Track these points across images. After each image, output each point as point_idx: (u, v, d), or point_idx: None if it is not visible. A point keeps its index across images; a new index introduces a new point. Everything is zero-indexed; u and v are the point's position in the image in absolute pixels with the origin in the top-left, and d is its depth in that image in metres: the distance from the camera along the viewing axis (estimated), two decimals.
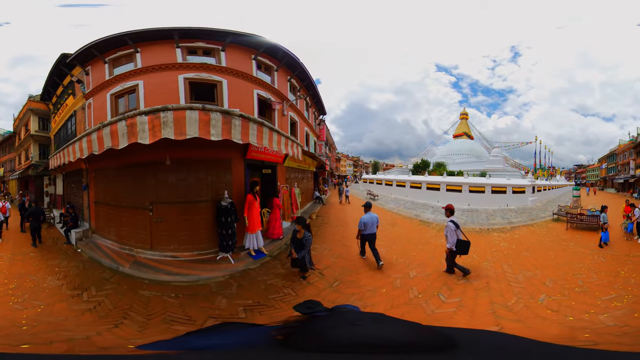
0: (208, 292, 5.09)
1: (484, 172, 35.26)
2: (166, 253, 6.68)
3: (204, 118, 4.53)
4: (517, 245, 8.79)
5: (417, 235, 10.18)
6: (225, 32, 9.14)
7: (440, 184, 20.16)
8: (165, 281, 5.47)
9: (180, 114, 4.44)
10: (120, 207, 7.52)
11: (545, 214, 14.72)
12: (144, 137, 4.43)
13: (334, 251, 7.62)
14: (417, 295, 5.05)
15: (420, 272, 6.19)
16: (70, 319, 4.15)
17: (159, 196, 6.81)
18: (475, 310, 4.53)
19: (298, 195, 11.35)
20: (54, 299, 4.84)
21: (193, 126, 4.46)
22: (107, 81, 9.44)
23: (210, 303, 4.69)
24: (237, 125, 4.86)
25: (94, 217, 8.78)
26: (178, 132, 4.45)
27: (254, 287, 5.30)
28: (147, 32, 8.94)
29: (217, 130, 4.60)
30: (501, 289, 5.39)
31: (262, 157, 8.42)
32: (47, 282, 5.62)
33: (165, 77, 8.64)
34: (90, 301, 4.72)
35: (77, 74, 10.48)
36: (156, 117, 4.42)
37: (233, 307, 4.55)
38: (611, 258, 7.22)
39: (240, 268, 6.13)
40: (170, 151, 6.44)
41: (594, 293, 5.08)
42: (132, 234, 7.11)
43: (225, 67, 9.09)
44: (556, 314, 4.35)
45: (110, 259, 6.70)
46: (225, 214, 6.58)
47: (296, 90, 12.80)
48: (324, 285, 5.46)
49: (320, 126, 20.29)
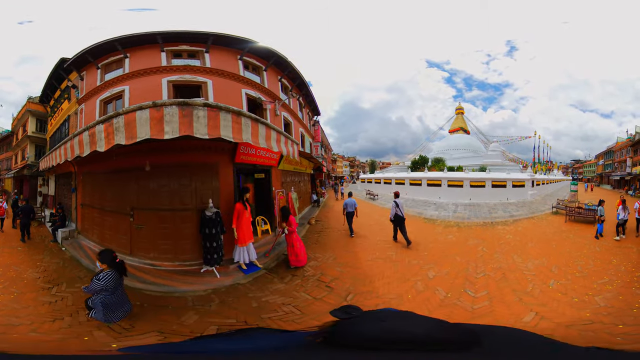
0: (180, 306, 4.67)
1: (483, 166, 35.37)
2: (145, 261, 6.34)
3: (156, 116, 4.01)
4: (522, 237, 9.25)
5: (424, 234, 9.91)
6: (207, 34, 8.98)
7: (442, 180, 19.86)
8: (137, 288, 5.21)
9: (131, 117, 4.04)
10: (104, 211, 7.52)
11: (544, 207, 14.90)
12: (101, 146, 4.22)
13: (340, 259, 7.01)
14: (446, 295, 5.03)
15: (438, 271, 6.14)
16: (30, 307, 4.49)
17: (140, 202, 6.51)
18: (505, 299, 4.86)
19: (295, 200, 10.84)
20: (27, 289, 5.31)
21: (144, 127, 3.99)
22: (98, 87, 9.41)
23: (174, 317, 4.26)
24: (202, 117, 4.20)
25: (80, 219, 9.04)
26: (129, 136, 4.03)
27: (241, 304, 4.79)
28: (133, 37, 8.80)
29: (172, 126, 4.03)
30: (517, 277, 5.81)
31: (254, 160, 7.88)
32: (27, 273, 6.15)
33: (149, 81, 8.43)
34: (56, 295, 5.01)
35: (74, 79, 10.55)
36: (110, 125, 4.15)
37: (202, 325, 4.05)
38: (605, 248, 7.91)
39: (226, 283, 5.58)
40: (151, 156, 6.13)
41: (591, 278, 5.74)
42: (114, 238, 7.06)
43: (210, 67, 8.86)
44: (564, 296, 4.91)
45: (90, 259, 6.76)
46: (209, 225, 6.00)
47: (288, 90, 12.52)
48: (336, 299, 4.92)
49: (315, 127, 20.14)
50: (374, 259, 7.08)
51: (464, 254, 7.29)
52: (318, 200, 17.48)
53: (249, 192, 6.82)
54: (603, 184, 47.38)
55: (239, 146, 6.84)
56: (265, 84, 10.54)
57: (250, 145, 7.10)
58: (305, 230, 10.20)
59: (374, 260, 7.02)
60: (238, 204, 6.40)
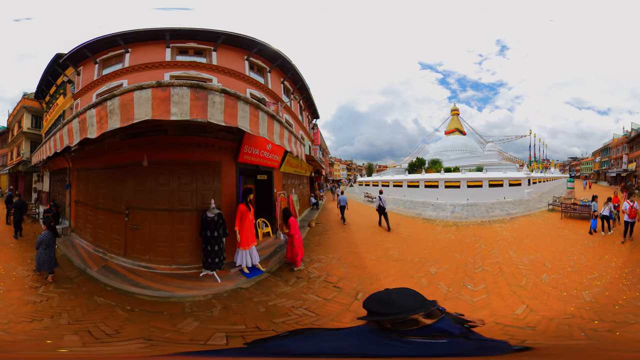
0: (177, 312, 4.38)
1: (480, 166, 35.63)
2: (140, 263, 5.99)
3: (160, 95, 3.63)
4: (518, 234, 9.47)
5: (424, 233, 10.25)
6: (219, 32, 8.91)
7: (439, 181, 19.98)
8: (130, 292, 4.97)
9: (127, 97, 3.68)
10: (98, 209, 7.19)
11: (541, 205, 15.14)
12: (92, 131, 3.96)
13: (344, 260, 7.01)
14: (448, 289, 5.28)
15: (439, 267, 6.38)
16: (13, 306, 4.43)
17: (136, 201, 6.15)
18: (501, 293, 5.10)
19: (296, 203, 10.73)
20: (15, 286, 5.21)
21: (144, 107, 3.61)
22: (95, 81, 9.23)
23: (169, 324, 3.97)
24: (218, 102, 3.90)
25: (73, 216, 8.81)
26: (125, 118, 3.68)
27: (247, 309, 4.56)
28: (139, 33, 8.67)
29: (181, 107, 3.66)
30: (512, 272, 6.04)
31: (257, 161, 7.68)
32: (17, 271, 6.00)
33: (151, 76, 8.24)
34: (42, 295, 4.87)
35: (70, 74, 10.45)
36: (102, 108, 3.84)
37: (205, 332, 3.77)
38: (598, 244, 8.08)
39: (228, 287, 5.25)
40: (150, 152, 5.83)
41: (582, 272, 5.90)
42: (107, 238, 6.75)
43: (216, 65, 8.78)
44: (555, 290, 5.10)
45: (81, 259, 6.51)
46: (211, 227, 5.66)
47: (290, 92, 12.50)
48: (347, 299, 4.87)
49: (314, 130, 20.37)
50: (378, 258, 7.16)
51: (463, 251, 7.47)
52: (317, 202, 17.66)
53: (252, 193, 6.57)
54: (600, 180, 47.31)
55: (243, 145, 6.65)
56: (269, 85, 10.56)
57: (254, 145, 7.13)
58: (306, 232, 10.06)
59: (378, 259, 7.10)
60: (241, 205, 6.15)
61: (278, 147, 7.95)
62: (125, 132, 6.23)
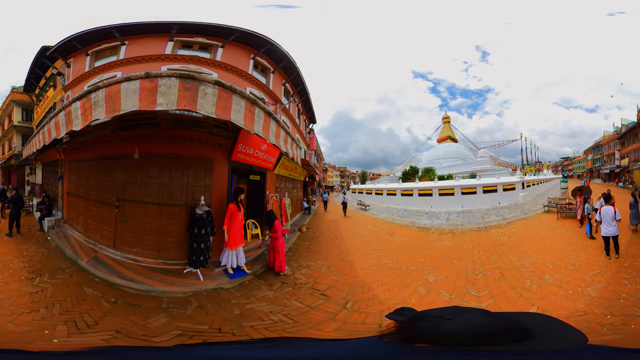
0: (154, 307, 4.40)
1: (473, 173, 36.15)
2: (128, 255, 5.99)
3: (147, 86, 3.61)
4: (516, 238, 9.49)
5: (419, 242, 10.11)
6: (231, 29, 8.80)
7: (433, 189, 19.98)
8: (115, 284, 5.06)
9: (114, 89, 3.67)
10: (89, 200, 7.22)
11: (536, 207, 15.23)
12: (77, 124, 3.96)
13: (334, 268, 6.81)
14: (451, 297, 5.14)
15: (438, 275, 6.22)
16: (13, 298, 4.54)
17: (127, 193, 6.14)
18: (507, 296, 5.06)
19: (288, 206, 10.61)
20: (12, 279, 5.34)
21: (131, 98, 3.59)
22: (86, 73, 9.07)
23: (141, 318, 4.01)
24: (210, 94, 3.83)
25: (66, 208, 8.81)
26: (110, 109, 3.65)
27: (221, 310, 4.46)
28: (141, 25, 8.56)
29: (168, 98, 3.61)
30: (514, 275, 5.99)
31: (251, 160, 7.59)
32: (14, 263, 6.14)
33: (146, 68, 7.75)
34: (38, 286, 5.00)
35: (59, 66, 10.32)
36: (87, 100, 3.85)
37: (165, 329, 3.75)
38: (595, 241, 8.00)
39: (209, 287, 5.19)
40: (142, 144, 5.77)
41: (583, 270, 5.98)
42: (98, 229, 6.77)
43: (219, 61, 8.67)
44: (560, 289, 5.12)
45: (73, 250, 6.58)
46: (199, 224, 5.57)
47: (290, 94, 12.45)
48: (335, 307, 4.69)
49: (310, 135, 20.34)
50: (370, 267, 6.98)
51: (461, 258, 7.37)
52: (309, 207, 17.56)
53: (244, 192, 6.45)
54: (593, 178, 47.26)
55: (238, 143, 6.57)
56: (270, 86, 10.49)
57: (249, 144, 7.06)
58: (296, 237, 9.96)
59: (370, 268, 6.92)
60: (231, 204, 6.02)
61: (273, 149, 7.87)
62: (116, 124, 6.20)
